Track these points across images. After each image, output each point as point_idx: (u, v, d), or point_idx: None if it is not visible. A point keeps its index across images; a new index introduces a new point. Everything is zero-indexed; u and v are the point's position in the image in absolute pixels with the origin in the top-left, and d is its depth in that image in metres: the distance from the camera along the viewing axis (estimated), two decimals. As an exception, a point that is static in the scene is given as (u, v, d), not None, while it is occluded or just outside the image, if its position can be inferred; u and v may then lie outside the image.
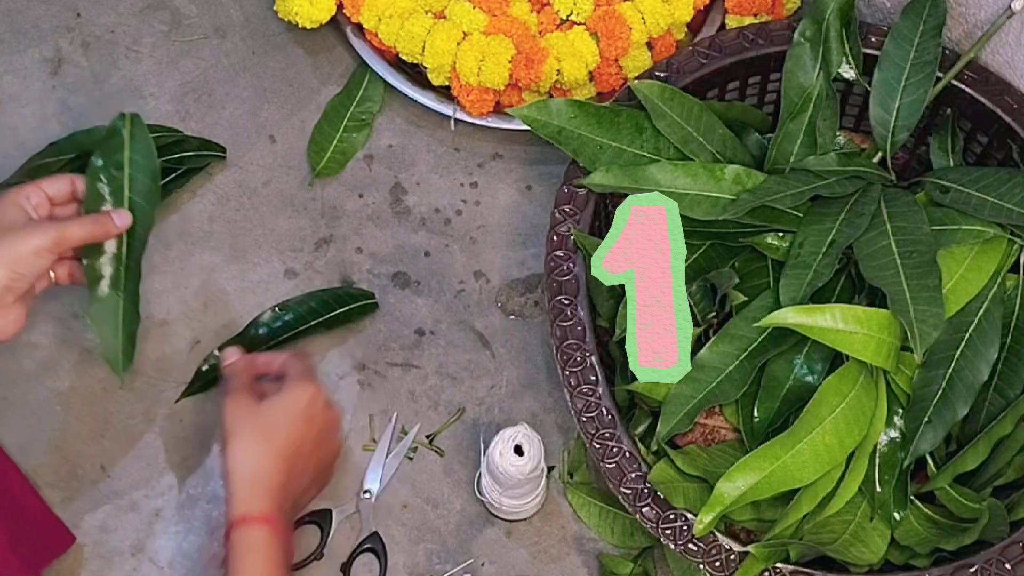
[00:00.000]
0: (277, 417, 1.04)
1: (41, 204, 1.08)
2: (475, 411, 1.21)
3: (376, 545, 1.15)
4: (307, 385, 1.07)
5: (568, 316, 1.05)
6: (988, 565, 0.97)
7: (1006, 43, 1.11)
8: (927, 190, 1.08)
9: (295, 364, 1.10)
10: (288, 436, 1.04)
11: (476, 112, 1.27)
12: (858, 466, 0.99)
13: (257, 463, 1.02)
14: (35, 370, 1.21)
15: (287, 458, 1.04)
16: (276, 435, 1.04)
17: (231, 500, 1.01)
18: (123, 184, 1.12)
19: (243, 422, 1.04)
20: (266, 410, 1.05)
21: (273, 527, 1.00)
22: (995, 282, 1.04)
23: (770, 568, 0.98)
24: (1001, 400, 1.02)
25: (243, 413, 1.05)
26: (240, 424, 1.04)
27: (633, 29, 1.25)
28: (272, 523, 1.00)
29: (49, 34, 1.36)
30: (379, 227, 1.28)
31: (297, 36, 1.36)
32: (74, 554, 1.14)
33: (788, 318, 0.98)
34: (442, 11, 1.29)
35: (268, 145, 1.31)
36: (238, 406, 1.05)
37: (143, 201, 1.12)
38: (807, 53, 1.13)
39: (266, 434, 1.04)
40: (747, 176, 1.08)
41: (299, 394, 1.06)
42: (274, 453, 1.03)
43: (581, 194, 1.10)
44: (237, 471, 1.02)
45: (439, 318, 1.24)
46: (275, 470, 1.02)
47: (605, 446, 1.01)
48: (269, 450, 1.03)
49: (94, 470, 1.17)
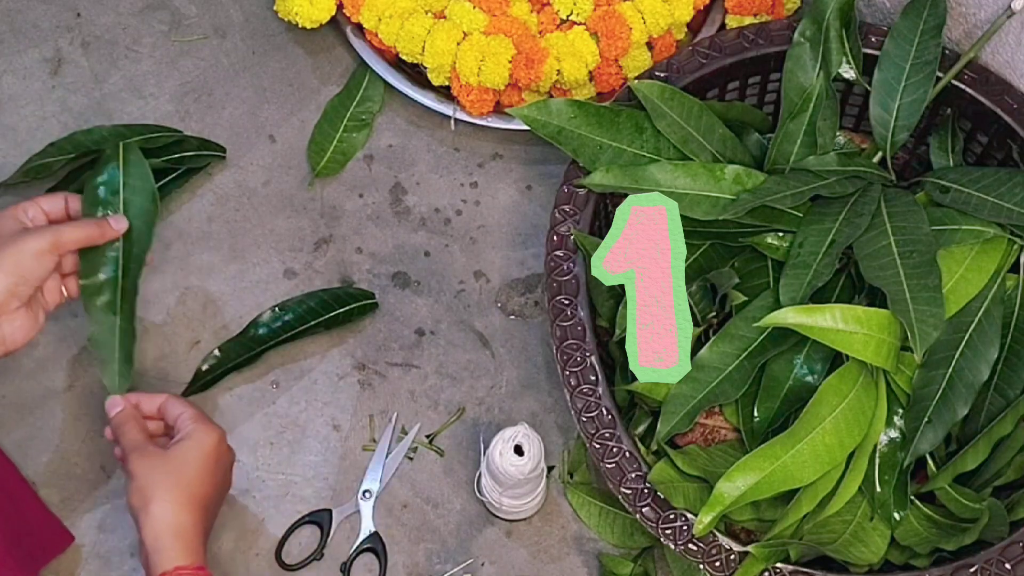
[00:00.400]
0: (191, 465, 1.03)
1: (37, 218, 1.08)
2: (475, 411, 1.21)
3: (376, 545, 1.15)
4: (211, 428, 1.06)
5: (568, 316, 1.05)
6: (988, 565, 0.97)
7: (1006, 43, 1.11)
8: (927, 190, 1.08)
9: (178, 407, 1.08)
10: (204, 483, 1.03)
11: (476, 112, 1.27)
12: (858, 466, 0.99)
13: (180, 516, 1.01)
14: (34, 370, 1.20)
15: (204, 504, 1.03)
16: (193, 484, 1.03)
17: (157, 554, 0.99)
18: (119, 208, 1.11)
19: (157, 477, 1.02)
20: (177, 460, 1.03)
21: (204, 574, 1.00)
22: (995, 282, 1.04)
23: (770, 568, 0.98)
24: (1001, 400, 1.02)
25: (154, 466, 1.03)
26: (155, 480, 1.02)
27: (633, 29, 1.25)
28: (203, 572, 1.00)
29: (49, 34, 1.36)
30: (379, 227, 1.28)
31: (297, 36, 1.36)
32: (72, 554, 1.14)
33: (788, 318, 0.98)
34: (442, 11, 1.29)
35: (268, 145, 1.31)
36: (146, 459, 1.03)
37: (141, 224, 1.11)
38: (807, 53, 1.13)
39: (183, 485, 1.02)
40: (747, 176, 1.08)
41: (207, 438, 1.05)
42: (193, 502, 1.02)
43: (581, 194, 1.10)
44: (163, 527, 1.00)
45: (439, 318, 1.24)
46: (196, 519, 1.02)
47: (605, 446, 1.01)
48: (188, 500, 1.02)
49: (93, 470, 1.17)
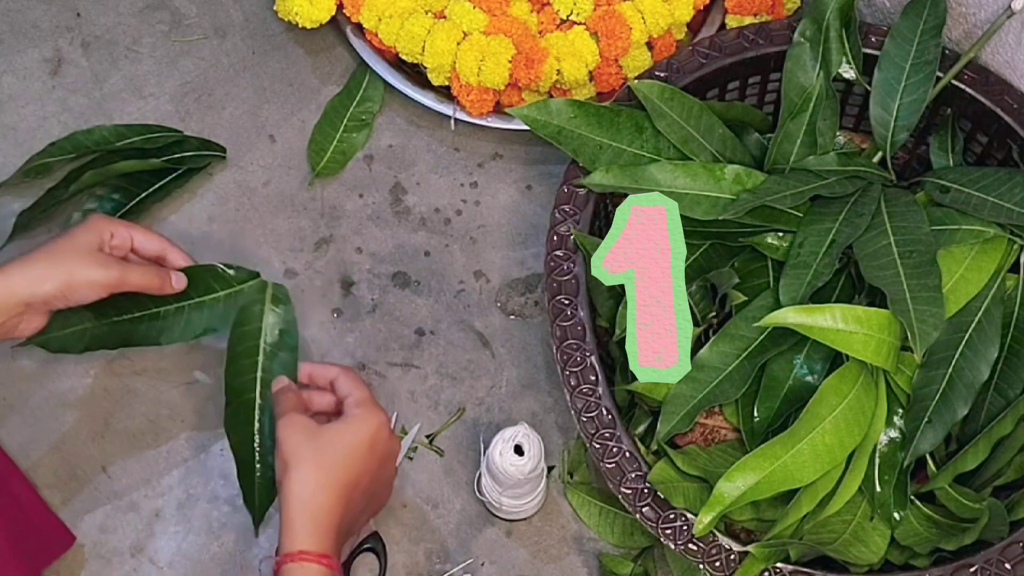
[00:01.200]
0: (340, 448, 0.98)
1: (120, 247, 1.08)
2: (475, 411, 1.21)
3: (376, 545, 1.15)
4: (373, 414, 1.01)
5: (568, 316, 1.05)
6: (988, 565, 0.97)
7: (1006, 43, 1.11)
8: (927, 190, 1.08)
9: (350, 385, 1.04)
10: (350, 469, 0.98)
11: (476, 112, 1.27)
12: (858, 466, 0.99)
13: (316, 496, 0.96)
14: (35, 371, 1.21)
15: (347, 493, 0.98)
16: (337, 467, 0.97)
17: (287, 530, 0.95)
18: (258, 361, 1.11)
19: (303, 449, 0.97)
20: (329, 438, 0.98)
21: (328, 566, 0.95)
22: (995, 282, 1.04)
23: (770, 568, 0.98)
24: (1001, 400, 1.02)
25: (302, 438, 0.98)
26: (300, 451, 0.97)
27: (633, 29, 1.25)
28: (327, 563, 0.95)
29: (49, 34, 1.36)
30: (379, 227, 1.28)
31: (297, 36, 1.36)
32: (74, 554, 1.14)
33: (788, 318, 0.98)
34: (442, 11, 1.29)
35: (268, 145, 1.32)
36: (296, 429, 0.98)
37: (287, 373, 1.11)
38: (807, 53, 1.13)
39: (328, 465, 0.97)
40: (747, 176, 1.08)
41: (364, 424, 1.00)
42: (334, 487, 0.97)
43: (581, 194, 1.10)
44: (296, 502, 0.95)
45: (439, 318, 1.24)
46: (335, 506, 0.96)
47: (605, 446, 1.01)
48: (330, 483, 0.96)
49: (94, 471, 1.17)
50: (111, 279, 1.04)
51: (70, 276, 1.03)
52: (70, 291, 1.03)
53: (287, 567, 0.94)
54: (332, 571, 0.95)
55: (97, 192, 1.24)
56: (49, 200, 1.24)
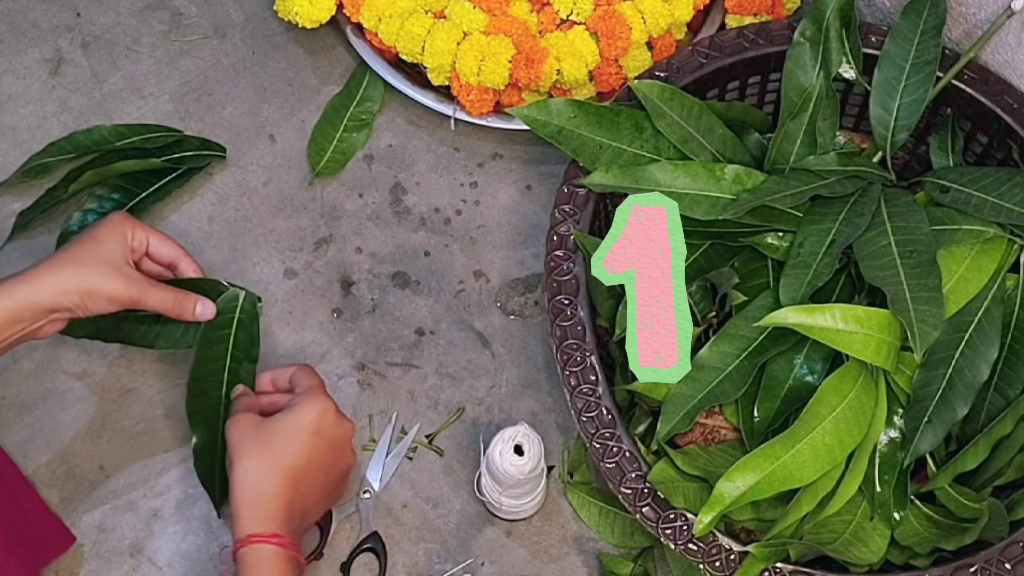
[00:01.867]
0: (282, 434, 1.02)
1: (136, 251, 1.09)
2: (475, 411, 1.21)
3: (376, 545, 1.15)
4: (314, 400, 1.05)
5: (568, 316, 1.05)
6: (988, 565, 0.97)
7: (1006, 43, 1.11)
8: (927, 190, 1.08)
9: (302, 378, 1.08)
10: (295, 454, 1.02)
11: (476, 112, 1.27)
12: (858, 466, 0.99)
13: (260, 482, 1.00)
14: (34, 370, 1.20)
15: (294, 475, 1.01)
16: (279, 452, 1.01)
17: (236, 519, 0.99)
18: None
19: (245, 441, 1.02)
20: (270, 427, 1.03)
21: (279, 544, 0.98)
22: (995, 282, 1.04)
23: (770, 568, 0.98)
24: (1001, 400, 1.02)
25: (245, 431, 1.02)
26: (243, 443, 1.02)
27: (633, 29, 1.25)
28: (277, 541, 0.98)
29: (49, 34, 1.36)
30: (379, 227, 1.28)
31: (297, 36, 1.36)
32: (73, 554, 1.14)
33: (788, 318, 0.98)
34: (442, 11, 1.29)
35: (268, 145, 1.31)
36: (240, 425, 1.03)
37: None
38: (807, 53, 1.13)
39: (269, 451, 1.01)
40: (747, 176, 1.08)
41: (306, 410, 1.04)
42: (277, 470, 1.00)
43: (581, 194, 1.10)
44: (240, 490, 1.00)
45: (439, 318, 1.24)
46: (280, 489, 1.00)
47: (605, 446, 1.01)
48: (272, 467, 1.00)
49: (92, 470, 1.17)
50: (131, 297, 1.06)
51: (92, 287, 1.04)
52: (90, 301, 1.04)
53: (240, 553, 0.98)
54: (285, 549, 0.98)
55: (97, 192, 1.24)
56: (49, 200, 1.24)
